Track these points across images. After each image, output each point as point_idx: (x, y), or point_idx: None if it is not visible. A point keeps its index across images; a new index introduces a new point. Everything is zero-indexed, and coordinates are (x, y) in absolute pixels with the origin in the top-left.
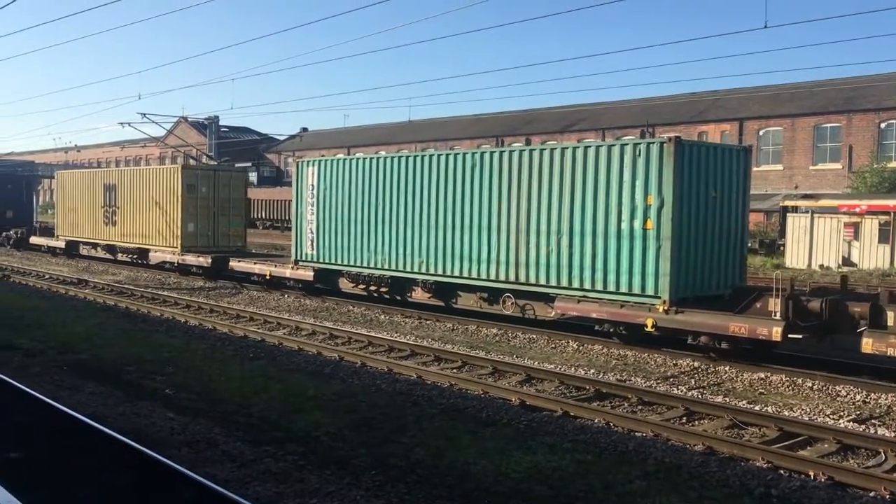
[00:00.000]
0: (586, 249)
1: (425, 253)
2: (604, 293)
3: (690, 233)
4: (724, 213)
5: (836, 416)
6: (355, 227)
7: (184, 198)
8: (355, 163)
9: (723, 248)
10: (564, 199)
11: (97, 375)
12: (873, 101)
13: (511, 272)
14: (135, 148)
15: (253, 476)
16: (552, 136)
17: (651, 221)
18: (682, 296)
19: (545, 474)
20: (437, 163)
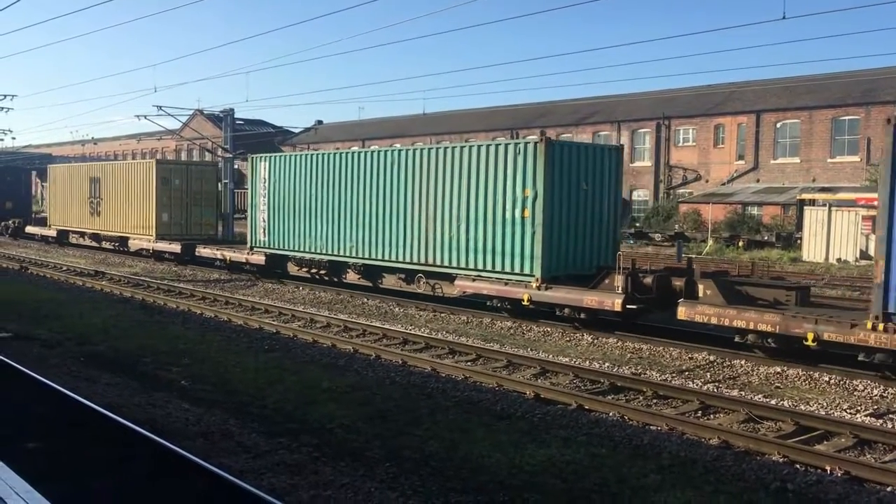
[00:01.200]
0: (479, 235)
1: (355, 239)
2: (493, 273)
3: (562, 220)
4: (595, 203)
5: (853, 411)
6: (300, 217)
7: (158, 190)
8: (300, 158)
9: (594, 233)
10: (462, 192)
11: (113, 366)
12: (892, 94)
13: (423, 255)
14: (151, 140)
15: (267, 467)
16: (566, 129)
17: (528, 211)
18: (553, 274)
19: (559, 467)
20: (363, 159)
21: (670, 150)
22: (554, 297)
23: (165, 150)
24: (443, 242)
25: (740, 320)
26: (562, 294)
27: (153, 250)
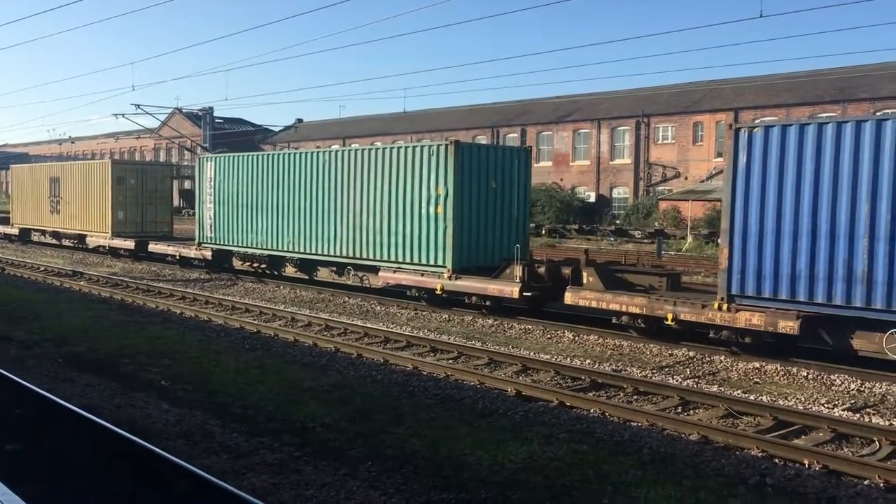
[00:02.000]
0: (400, 230)
1: (292, 235)
2: (411, 265)
3: (472, 216)
4: (505, 200)
5: (830, 405)
6: (243, 214)
7: (114, 190)
8: (242, 159)
9: (504, 228)
10: (384, 190)
11: (92, 367)
12: (868, 91)
13: (351, 249)
14: (129, 139)
15: (249, 467)
16: (547, 127)
17: (440, 207)
18: (463, 266)
19: (541, 464)
20: (299, 160)
21: (650, 148)
22: (463, 287)
23: (144, 149)
24: (368, 237)
25: (615, 303)
26: (469, 283)
27: (109, 247)
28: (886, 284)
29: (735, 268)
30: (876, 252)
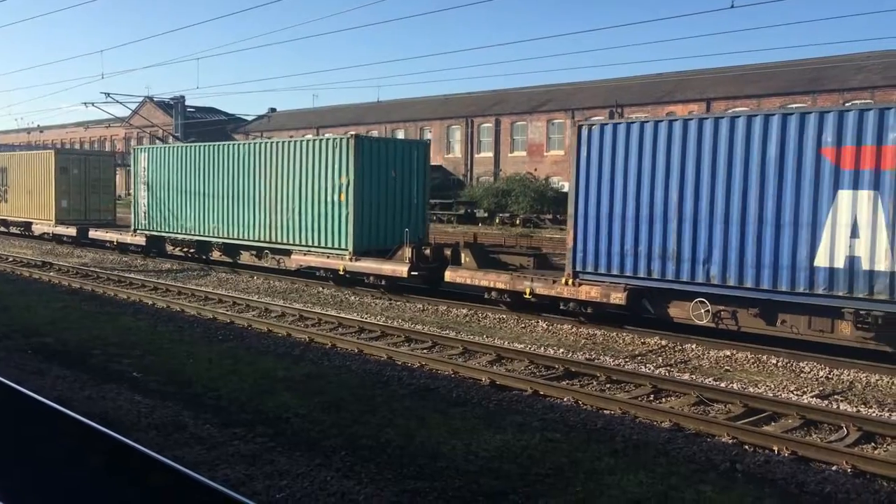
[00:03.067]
0: (309, 216)
1: (217, 221)
2: (319, 248)
3: (372, 203)
4: (404, 189)
5: (799, 392)
6: (173, 202)
7: (57, 179)
8: (173, 150)
9: (404, 214)
10: (296, 179)
11: (62, 359)
12: (838, 82)
13: (268, 234)
14: (99, 128)
15: (222, 458)
16: (521, 117)
17: (343, 195)
18: (364, 248)
19: (515, 453)
20: (223, 151)
21: None
22: (361, 268)
23: (114, 138)
24: (282, 223)
25: (485, 280)
26: (367, 264)
27: (53, 234)
28: (690, 261)
29: (579, 248)
30: (683, 233)
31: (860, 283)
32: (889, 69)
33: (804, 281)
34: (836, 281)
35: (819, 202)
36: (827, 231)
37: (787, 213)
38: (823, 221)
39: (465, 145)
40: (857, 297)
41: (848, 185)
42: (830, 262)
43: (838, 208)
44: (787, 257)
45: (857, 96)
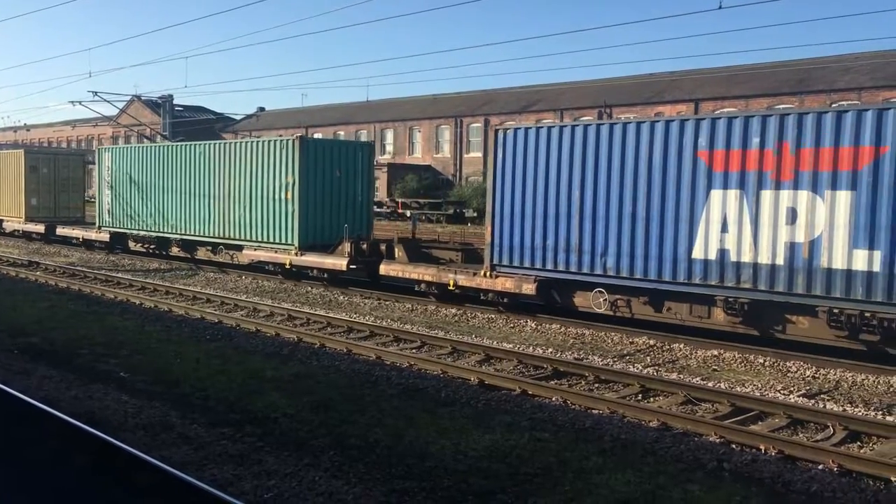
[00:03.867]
0: (259, 213)
1: (176, 219)
2: (268, 243)
3: (316, 201)
4: (349, 187)
5: (786, 392)
6: (134, 200)
7: (27, 177)
8: (134, 150)
9: (349, 211)
10: (247, 178)
11: (49, 359)
12: (825, 83)
13: (222, 231)
14: (86, 127)
15: (210, 458)
16: (511, 117)
17: (290, 193)
18: (309, 243)
19: (503, 452)
20: (180, 152)
21: None
22: (306, 261)
23: (102, 137)
24: (235, 220)
25: (415, 273)
26: (310, 258)
27: (22, 231)
28: (590, 254)
29: (496, 243)
30: (584, 229)
31: (729, 274)
32: (876, 70)
33: (684, 272)
34: (709, 271)
35: (696, 200)
36: (702, 227)
37: (669, 211)
38: (699, 218)
39: (454, 145)
40: (726, 286)
41: (719, 186)
42: (705, 254)
43: (711, 206)
44: (670, 250)
45: (844, 97)
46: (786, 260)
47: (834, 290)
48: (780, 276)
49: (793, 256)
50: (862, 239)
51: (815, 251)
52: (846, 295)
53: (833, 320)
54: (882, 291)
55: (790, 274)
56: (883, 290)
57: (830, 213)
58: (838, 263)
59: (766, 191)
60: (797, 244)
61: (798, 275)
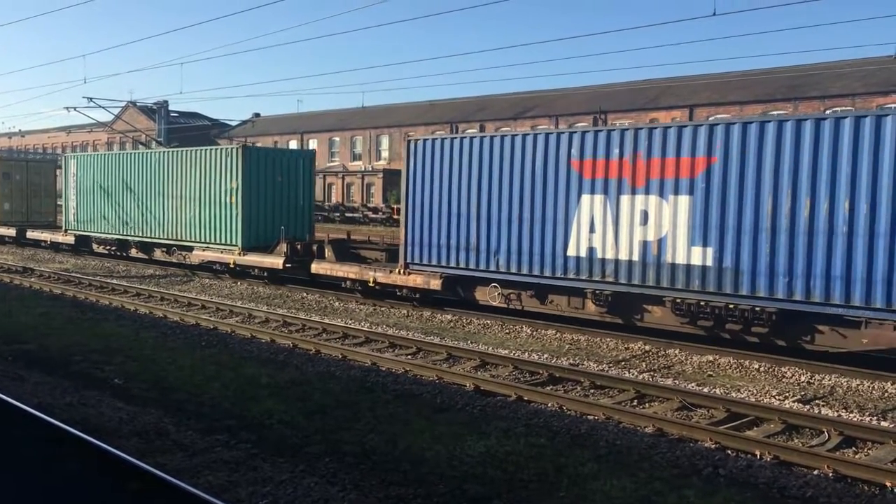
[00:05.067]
0: (206, 217)
1: (134, 222)
2: (215, 244)
3: (259, 205)
4: (290, 192)
5: (781, 397)
6: (98, 205)
7: (0, 183)
8: (97, 158)
9: (290, 214)
10: (196, 184)
11: (44, 365)
12: (819, 89)
13: (175, 233)
14: (81, 133)
15: (205, 465)
16: (506, 123)
17: (234, 197)
18: (252, 245)
19: (499, 458)
20: (138, 159)
21: None
22: (248, 261)
23: (97, 143)
24: (186, 223)
25: (340, 271)
26: (252, 258)
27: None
28: (486, 252)
29: (409, 242)
30: (481, 230)
31: (596, 269)
32: (869, 77)
33: (561, 268)
34: (581, 267)
35: (569, 204)
36: (575, 227)
37: (549, 214)
38: (572, 220)
39: None
40: (594, 279)
41: (588, 191)
42: (577, 252)
43: (582, 209)
44: (550, 249)
45: (837, 103)
46: (640, 256)
47: (677, 282)
48: (636, 270)
49: (645, 253)
50: (698, 237)
51: (663, 248)
52: (686, 286)
53: (677, 309)
54: (713, 283)
55: (643, 268)
56: (714, 282)
57: (673, 215)
58: (680, 259)
59: (625, 196)
60: (648, 242)
61: (650, 269)
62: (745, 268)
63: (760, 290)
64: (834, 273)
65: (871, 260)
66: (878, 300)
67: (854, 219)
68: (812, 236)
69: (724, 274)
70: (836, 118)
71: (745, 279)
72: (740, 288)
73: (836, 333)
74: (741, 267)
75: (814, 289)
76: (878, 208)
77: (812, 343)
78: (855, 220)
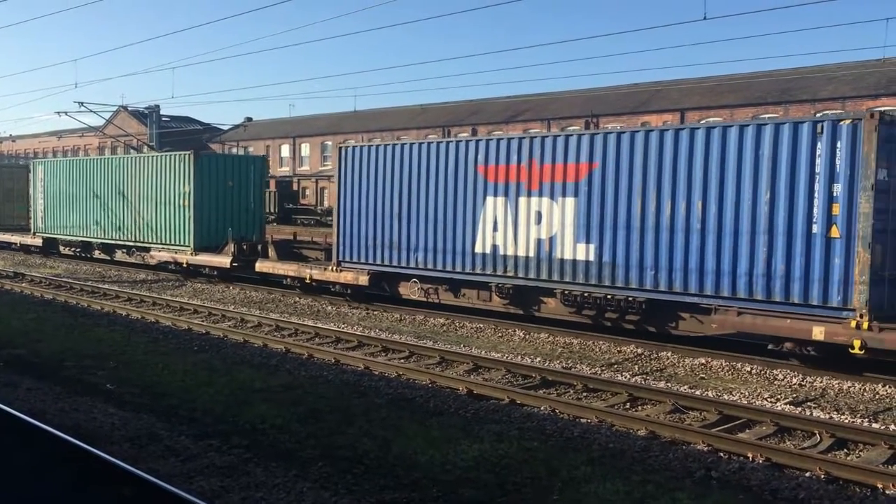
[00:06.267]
0: (162, 219)
1: (97, 224)
2: (170, 245)
3: (211, 208)
4: (241, 196)
5: (773, 400)
6: (63, 208)
7: None
8: (63, 163)
9: (241, 217)
10: (152, 188)
11: (35, 371)
12: (809, 93)
13: (134, 235)
14: (72, 138)
15: (197, 470)
16: (498, 127)
17: (187, 201)
18: (203, 245)
19: (492, 462)
20: (97, 165)
21: None
22: (199, 260)
23: (88, 148)
24: (144, 225)
25: (281, 269)
26: (203, 258)
27: None
28: (407, 250)
29: (341, 242)
30: (402, 230)
31: (499, 264)
32: (859, 80)
33: (470, 264)
34: (486, 263)
35: (476, 205)
36: (481, 227)
37: (459, 214)
38: (479, 220)
39: None
40: (497, 274)
41: (491, 194)
42: (483, 249)
43: (487, 210)
44: (461, 246)
45: (827, 106)
46: (535, 252)
47: (566, 275)
48: (532, 265)
49: (539, 250)
50: (582, 235)
51: (554, 245)
52: (573, 279)
53: (566, 300)
54: (595, 276)
55: (538, 264)
56: (595, 275)
57: (562, 216)
58: (568, 255)
59: (522, 198)
60: (542, 240)
61: (543, 264)
62: (620, 262)
63: (632, 281)
64: (690, 266)
65: (720, 254)
66: (725, 289)
67: (706, 219)
68: (673, 234)
69: (604, 268)
70: (690, 128)
71: (620, 272)
72: (616, 280)
73: (695, 319)
74: (617, 261)
75: (675, 280)
76: (724, 210)
77: (677, 329)
78: (706, 219)
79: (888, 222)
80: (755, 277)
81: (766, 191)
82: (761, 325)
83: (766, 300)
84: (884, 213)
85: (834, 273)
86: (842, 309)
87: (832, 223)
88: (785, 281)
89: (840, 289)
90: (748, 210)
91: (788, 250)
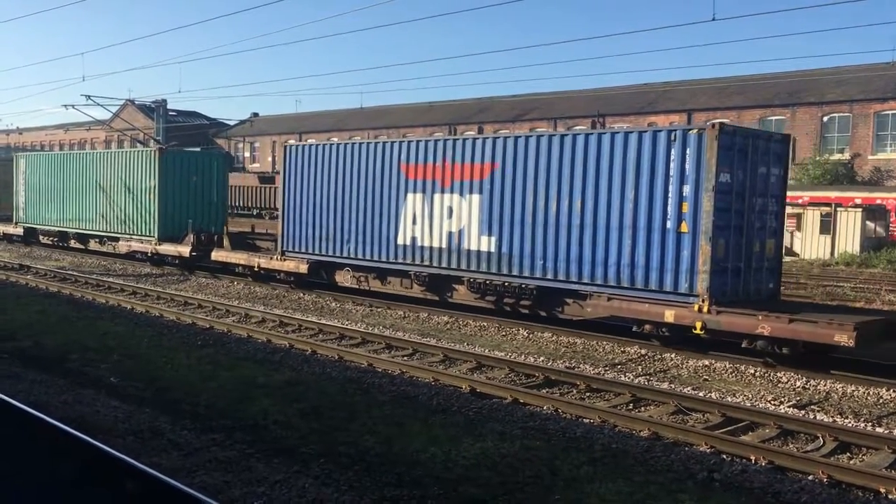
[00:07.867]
0: (130, 211)
1: (72, 215)
2: (138, 235)
3: (175, 201)
4: (205, 189)
5: (776, 402)
6: (42, 200)
7: None
8: (42, 157)
9: (204, 209)
10: (121, 182)
11: (39, 363)
12: (816, 95)
13: (105, 226)
14: (79, 131)
15: (200, 465)
16: (505, 125)
17: (152, 194)
18: (168, 236)
19: (494, 461)
20: (74, 159)
21: None
22: (163, 250)
23: (95, 141)
24: (114, 217)
25: (233, 258)
26: (166, 247)
27: None
28: (341, 241)
29: (285, 234)
30: (336, 222)
31: (417, 255)
32: (867, 83)
33: (393, 254)
34: (406, 253)
35: (399, 201)
36: (403, 220)
37: (385, 208)
38: (401, 214)
39: None
40: (416, 263)
41: (412, 190)
42: (404, 240)
43: (407, 205)
44: (386, 238)
45: (835, 109)
46: (447, 244)
47: (472, 265)
48: (444, 255)
49: (450, 241)
50: (485, 228)
51: (462, 237)
52: (478, 268)
53: (472, 287)
54: (495, 265)
55: (449, 254)
56: (495, 265)
57: (469, 211)
58: (474, 246)
59: (437, 194)
60: (452, 232)
61: (454, 255)
62: (515, 253)
63: (525, 270)
64: (572, 256)
65: (594, 246)
66: (598, 278)
67: (584, 215)
68: (558, 228)
69: (503, 258)
70: (573, 135)
71: (516, 262)
72: (513, 269)
73: (577, 304)
74: (513, 252)
75: (559, 269)
76: (599, 207)
77: (563, 313)
78: (584, 216)
79: (731, 220)
80: (622, 267)
81: (631, 190)
82: (626, 308)
83: (630, 287)
84: (726, 212)
85: (683, 263)
86: (688, 295)
87: (682, 220)
88: (645, 270)
89: (687, 277)
90: (617, 208)
91: (648, 243)
